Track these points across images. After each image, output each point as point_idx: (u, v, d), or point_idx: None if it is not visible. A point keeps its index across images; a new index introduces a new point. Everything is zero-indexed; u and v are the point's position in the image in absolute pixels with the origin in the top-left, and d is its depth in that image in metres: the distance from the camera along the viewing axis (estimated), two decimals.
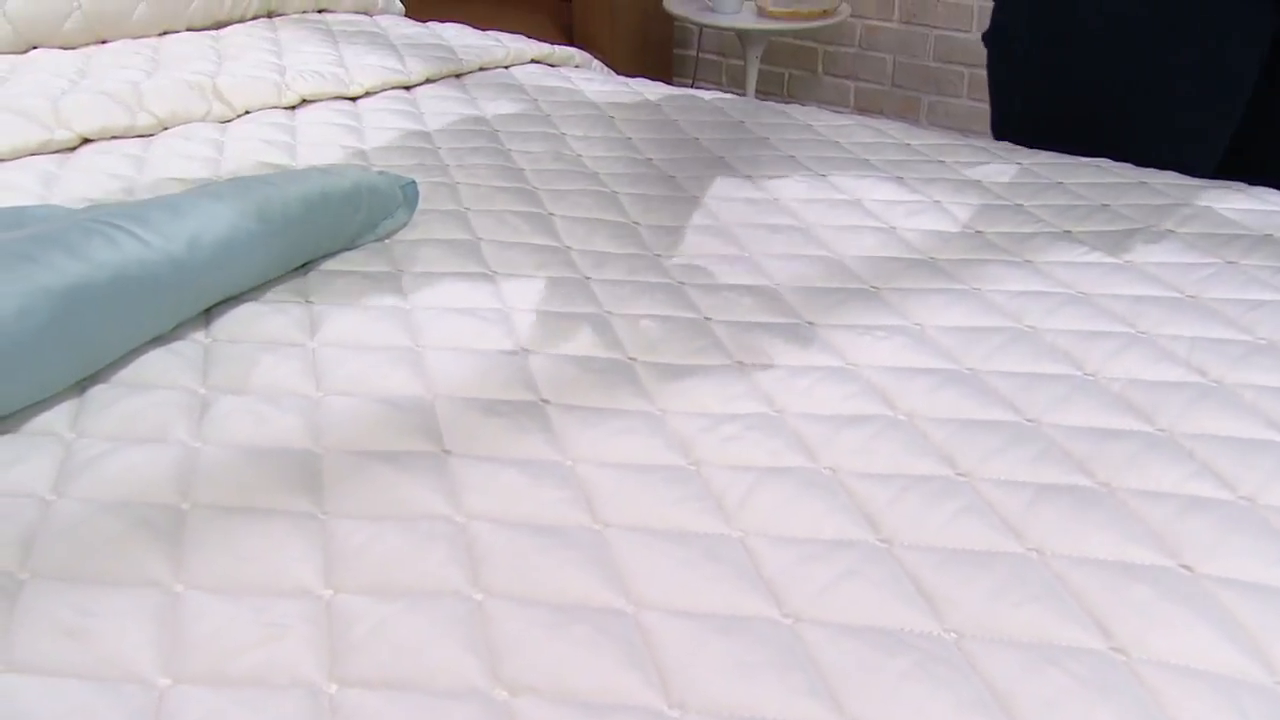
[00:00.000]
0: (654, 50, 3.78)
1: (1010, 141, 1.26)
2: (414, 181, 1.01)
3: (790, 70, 3.74)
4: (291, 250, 0.87)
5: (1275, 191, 1.07)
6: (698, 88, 3.90)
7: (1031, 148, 1.22)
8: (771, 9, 3.30)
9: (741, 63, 3.53)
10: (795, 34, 3.23)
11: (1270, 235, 0.96)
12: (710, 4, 3.37)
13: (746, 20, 3.32)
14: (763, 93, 3.78)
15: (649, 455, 0.68)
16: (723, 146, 1.23)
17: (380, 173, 0.99)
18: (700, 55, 4.01)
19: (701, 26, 3.51)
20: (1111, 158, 1.18)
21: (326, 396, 0.73)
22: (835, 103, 3.44)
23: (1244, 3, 1.12)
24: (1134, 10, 1.15)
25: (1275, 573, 0.59)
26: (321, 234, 0.89)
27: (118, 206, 0.79)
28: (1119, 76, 1.19)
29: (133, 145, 1.17)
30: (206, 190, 0.84)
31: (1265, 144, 1.19)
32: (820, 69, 3.55)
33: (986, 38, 1.33)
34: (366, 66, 1.44)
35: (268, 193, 0.85)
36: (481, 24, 1.89)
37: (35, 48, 1.46)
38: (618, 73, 1.80)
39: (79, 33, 1.47)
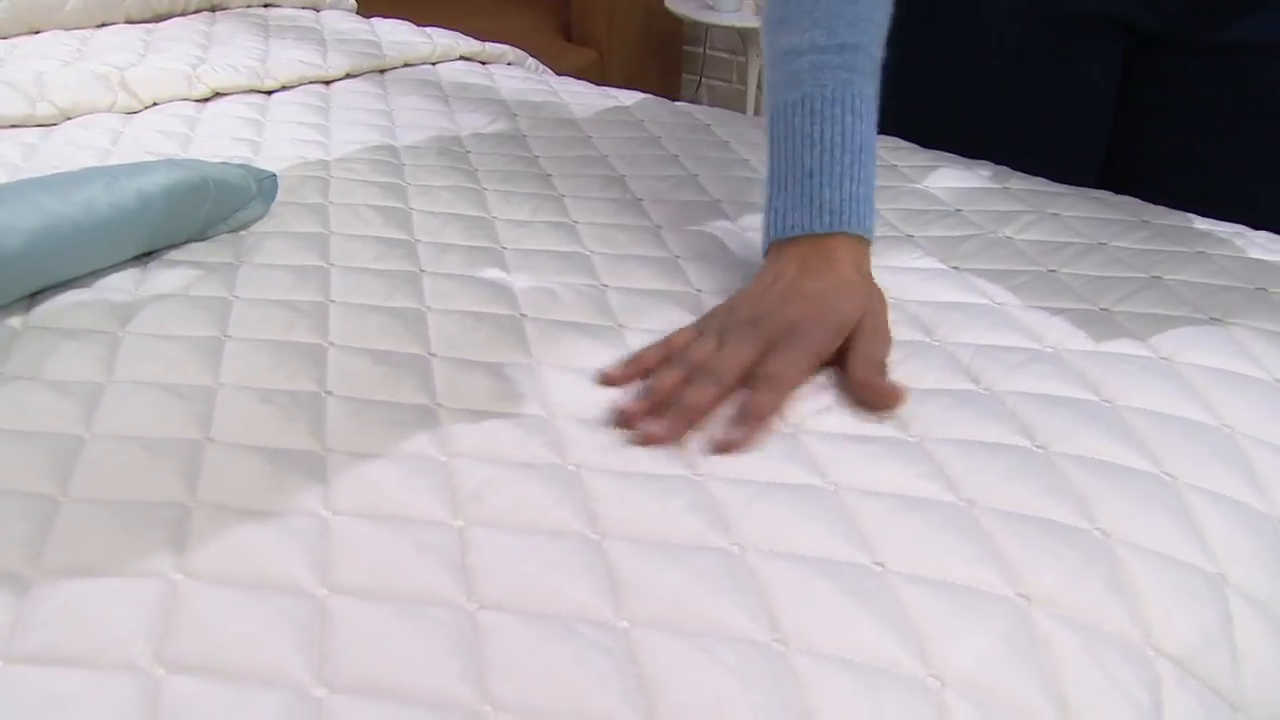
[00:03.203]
0: (659, 47, 3.79)
1: None
2: (274, 175, 1.03)
3: None
4: (124, 240, 0.90)
5: (1132, 200, 1.08)
6: (704, 84, 3.91)
7: None
8: None
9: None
10: None
11: (1103, 244, 0.97)
12: (710, 2, 3.38)
13: (746, 19, 3.33)
14: None
15: (408, 447, 0.70)
16: (610, 145, 1.25)
17: (241, 165, 1.02)
18: (708, 52, 4.02)
19: (708, 26, 3.52)
20: None
21: (114, 384, 0.75)
22: None
23: (1095, 23, 1.13)
24: (995, 32, 1.17)
25: (962, 571, 0.61)
26: (159, 225, 0.92)
27: None
28: (986, 96, 1.20)
29: (31, 134, 1.21)
30: (37, 181, 0.87)
31: (1132, 154, 1.20)
32: None
33: None
34: (285, 61, 1.46)
35: (102, 183, 0.88)
36: (476, 22, 1.91)
37: None
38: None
39: (9, 23, 1.51)
